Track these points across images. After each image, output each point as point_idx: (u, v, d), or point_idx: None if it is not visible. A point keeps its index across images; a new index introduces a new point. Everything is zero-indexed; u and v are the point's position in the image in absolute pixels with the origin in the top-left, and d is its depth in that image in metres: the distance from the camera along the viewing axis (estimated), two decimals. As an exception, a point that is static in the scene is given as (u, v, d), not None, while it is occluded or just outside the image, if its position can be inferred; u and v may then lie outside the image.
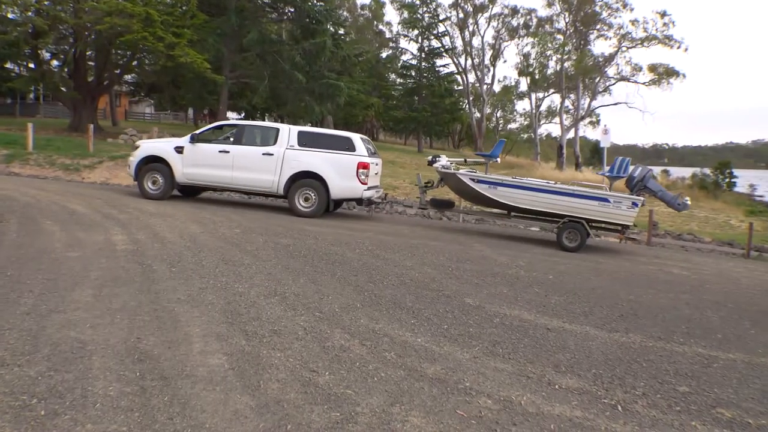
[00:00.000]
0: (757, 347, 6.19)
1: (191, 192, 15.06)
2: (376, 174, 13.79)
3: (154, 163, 13.56)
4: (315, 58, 32.42)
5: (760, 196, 43.86)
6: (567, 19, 52.32)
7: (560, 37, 51.86)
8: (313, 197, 12.89)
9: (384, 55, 70.66)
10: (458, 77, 62.08)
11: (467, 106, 62.39)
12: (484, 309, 6.60)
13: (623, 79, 50.24)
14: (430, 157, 13.82)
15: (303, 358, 4.70)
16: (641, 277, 9.57)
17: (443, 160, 13.47)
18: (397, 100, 63.30)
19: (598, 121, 61.19)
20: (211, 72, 28.13)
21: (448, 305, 6.62)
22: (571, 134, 52.65)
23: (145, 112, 66.43)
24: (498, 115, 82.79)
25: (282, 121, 48.12)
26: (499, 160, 14.40)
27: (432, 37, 58.40)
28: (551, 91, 56.42)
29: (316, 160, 12.90)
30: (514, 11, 56.29)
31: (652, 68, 48.15)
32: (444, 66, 61.15)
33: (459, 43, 59.27)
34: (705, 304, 7.95)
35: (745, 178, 47.05)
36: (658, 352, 5.71)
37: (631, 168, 12.58)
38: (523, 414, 4.09)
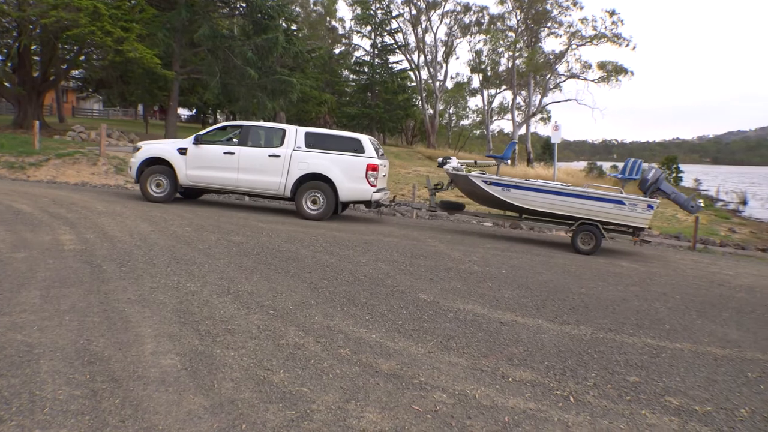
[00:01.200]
0: (702, 337, 6.36)
1: (192, 194, 14.81)
2: (384, 176, 13.62)
3: (156, 165, 13.30)
4: (267, 53, 32.13)
5: (705, 190, 45.17)
6: (518, 17, 53.03)
7: (512, 34, 52.55)
8: (321, 200, 12.72)
9: (337, 51, 70.49)
10: (411, 74, 62.45)
11: (420, 102, 62.76)
12: (438, 304, 6.64)
13: (573, 76, 51.17)
14: (440, 159, 13.67)
15: (257, 356, 4.66)
16: (592, 270, 9.74)
17: (453, 162, 13.29)
18: (350, 97, 63.32)
19: (549, 118, 62.28)
20: (161, 67, 27.66)
21: (402, 301, 6.64)
22: (522, 130, 53.40)
23: (93, 109, 64.96)
24: (451, 111, 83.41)
25: (234, 118, 47.59)
26: (509, 162, 14.30)
27: (385, 33, 58.58)
28: (503, 87, 57.21)
29: (324, 162, 12.71)
30: (467, 8, 56.88)
31: (602, 66, 49.16)
32: (397, 62, 61.44)
33: (412, 39, 59.69)
34: (653, 296, 8.14)
35: (691, 173, 48.44)
36: (608, 344, 5.82)
37: (644, 169, 12.50)
38: (477, 407, 4.12)
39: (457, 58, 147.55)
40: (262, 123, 14.34)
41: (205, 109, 55.52)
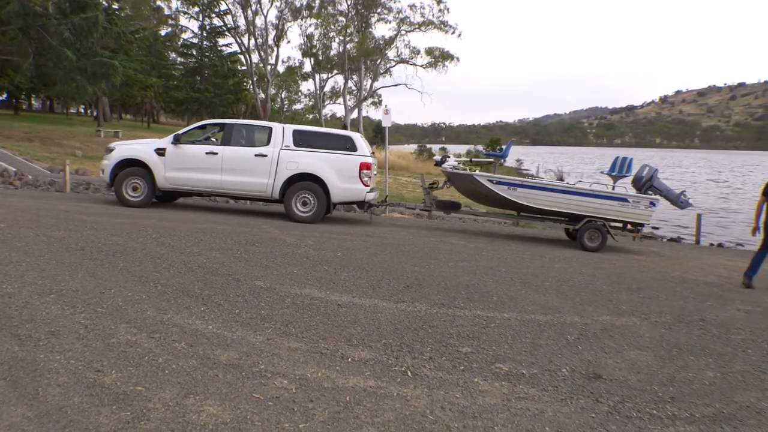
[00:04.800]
0: (527, 306, 6.78)
1: (167, 198, 13.59)
2: (375, 174, 13.04)
3: (131, 167, 12.16)
4: (86, 34, 29.97)
5: (527, 170, 48.28)
6: (349, 2, 53.51)
7: (343, 19, 52.91)
8: (312, 201, 12.05)
9: (163, 33, 67.57)
10: (242, 57, 61.23)
11: (251, 86, 61.65)
12: (275, 290, 6.57)
13: (403, 61, 52.56)
14: (438, 157, 13.18)
15: (86, 358, 4.34)
16: (424, 249, 10.07)
17: (452, 161, 12.98)
18: (178, 81, 60.97)
19: (380, 102, 63.45)
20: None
21: (238, 289, 6.49)
22: (355, 114, 54.18)
23: None
24: (283, 95, 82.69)
25: (51, 103, 44.37)
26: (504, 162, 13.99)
27: (214, 15, 56.88)
28: (335, 72, 57.45)
29: (314, 161, 12.06)
30: (297, -9, 56.33)
31: (429, 52, 50.89)
32: (227, 45, 60.03)
33: (242, 22, 58.27)
34: (481, 270, 8.56)
35: (512, 154, 51.38)
36: (442, 318, 6.04)
37: (634, 167, 12.82)
38: (319, 390, 4.12)
39: (289, 42, 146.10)
40: (246, 121, 13.48)
41: (18, 94, 51.14)
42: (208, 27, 56.87)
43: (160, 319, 5.34)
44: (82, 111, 72.33)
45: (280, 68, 66.12)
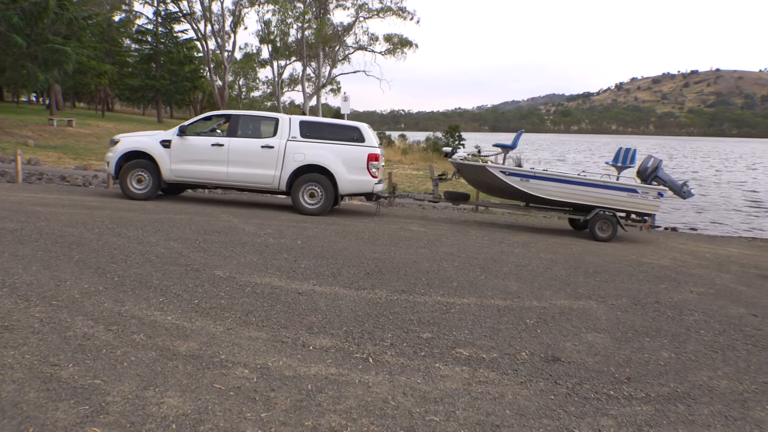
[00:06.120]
0: (486, 291, 6.85)
1: (173, 190, 13.33)
2: (382, 166, 12.85)
3: (136, 159, 11.93)
4: (36, 19, 29.06)
5: (486, 156, 48.43)
6: (306, -13, 52.89)
7: (301, 5, 52.36)
8: (320, 193, 11.89)
9: (117, 18, 66.04)
10: (198, 44, 60.22)
11: (208, 73, 60.71)
12: (235, 279, 6.51)
13: (362, 48, 52.33)
14: (448, 149, 13.07)
15: (42, 352, 4.24)
16: (384, 236, 10.08)
17: (461, 152, 12.93)
18: (133, 68, 59.72)
19: (339, 89, 63.29)
20: None
21: (197, 279, 6.42)
22: (313, 102, 53.79)
23: None
24: (241, 83, 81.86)
25: (0, 91, 43.12)
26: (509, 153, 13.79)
27: (169, 0, 55.71)
28: (293, 59, 56.96)
29: (321, 153, 11.89)
30: (254, -23, 55.58)
31: (388, 38, 50.77)
32: (183, 32, 59.01)
33: (198, 8, 57.23)
34: (441, 257, 8.61)
35: (472, 140, 51.66)
36: (402, 304, 6.06)
37: (637, 158, 12.91)
38: (280, 378, 4.10)
39: (246, 28, 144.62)
40: (252, 112, 13.25)
41: (-38, 82, 49.63)
42: (163, 13, 55.69)
43: (117, 311, 5.25)
44: (34, 99, 70.54)
45: (238, 55, 65.39)
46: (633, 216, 12.29)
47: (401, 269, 7.56)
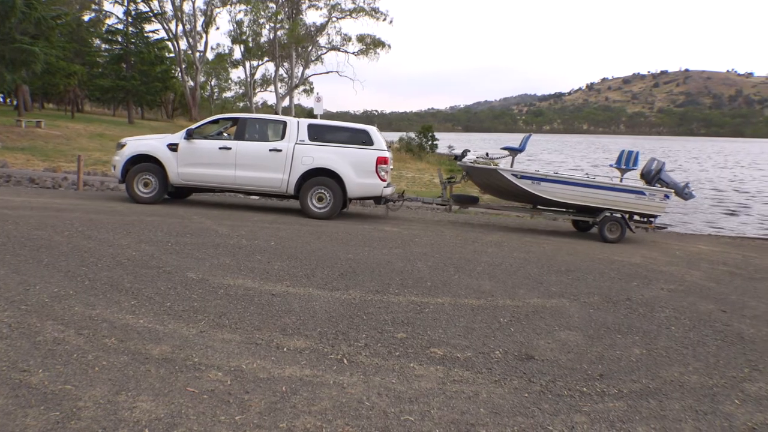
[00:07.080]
0: (460, 290, 6.87)
1: (180, 194, 13.16)
2: (391, 169, 12.75)
3: (143, 162, 11.79)
4: (3, 19, 28.54)
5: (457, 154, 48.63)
6: (278, -13, 52.70)
7: (273, 5, 52.21)
8: (328, 197, 11.78)
9: (87, 18, 65.13)
10: (170, 44, 59.68)
11: (180, 74, 60.26)
12: (208, 281, 6.46)
13: (334, 48, 52.38)
14: (458, 152, 12.99)
15: (10, 358, 4.17)
16: (358, 237, 10.07)
17: (471, 155, 12.94)
18: (103, 68, 58.88)
19: (312, 90, 63.09)
20: None
21: (169, 282, 6.36)
22: (286, 102, 53.68)
23: None
24: (213, 83, 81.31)
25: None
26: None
27: (139, 0, 55.09)
28: (266, 59, 56.76)
29: (330, 156, 11.81)
30: (225, -23, 55.27)
31: (361, 39, 50.90)
32: (154, 32, 58.25)
33: (169, 7, 56.94)
34: (415, 257, 8.62)
35: (445, 140, 51.84)
36: (376, 305, 6.06)
37: (641, 160, 12.99)
38: (254, 381, 4.08)
39: (218, 28, 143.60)
40: (260, 115, 13.13)
41: (-74, 83, 48.56)
42: (133, 12, 54.92)
43: (88, 314, 5.18)
44: (1, 100, 69.38)
45: (210, 55, 65.07)
46: (636, 217, 12.44)
47: (375, 270, 7.56)
